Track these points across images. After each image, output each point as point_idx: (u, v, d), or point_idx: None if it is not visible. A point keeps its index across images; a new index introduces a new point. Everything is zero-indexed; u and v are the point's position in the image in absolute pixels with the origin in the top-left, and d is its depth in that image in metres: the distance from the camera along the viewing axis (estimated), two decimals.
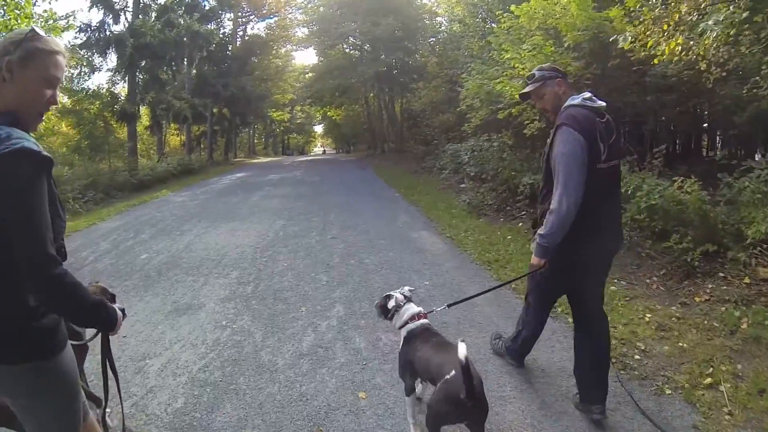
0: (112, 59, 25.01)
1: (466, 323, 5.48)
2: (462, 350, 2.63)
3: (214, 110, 39.42)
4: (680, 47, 6.53)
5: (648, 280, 6.63)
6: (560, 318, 5.46)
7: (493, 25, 13.39)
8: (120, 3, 24.89)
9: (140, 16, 25.20)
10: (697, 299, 5.83)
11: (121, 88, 25.69)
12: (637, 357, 4.61)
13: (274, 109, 58.42)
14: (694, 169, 9.24)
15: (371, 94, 40.47)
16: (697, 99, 11.05)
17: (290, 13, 46.22)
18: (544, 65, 3.88)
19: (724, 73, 7.45)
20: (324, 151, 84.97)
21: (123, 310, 2.28)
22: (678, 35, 6.46)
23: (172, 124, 35.41)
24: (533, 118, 10.70)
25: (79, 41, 24.11)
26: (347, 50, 38.00)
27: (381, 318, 3.84)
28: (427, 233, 10.14)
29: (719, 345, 4.72)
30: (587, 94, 3.54)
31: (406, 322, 3.57)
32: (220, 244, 9.47)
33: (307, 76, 45.32)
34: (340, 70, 34.96)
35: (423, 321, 3.55)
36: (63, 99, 22.56)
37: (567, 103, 3.54)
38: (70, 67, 23.27)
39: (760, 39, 6.17)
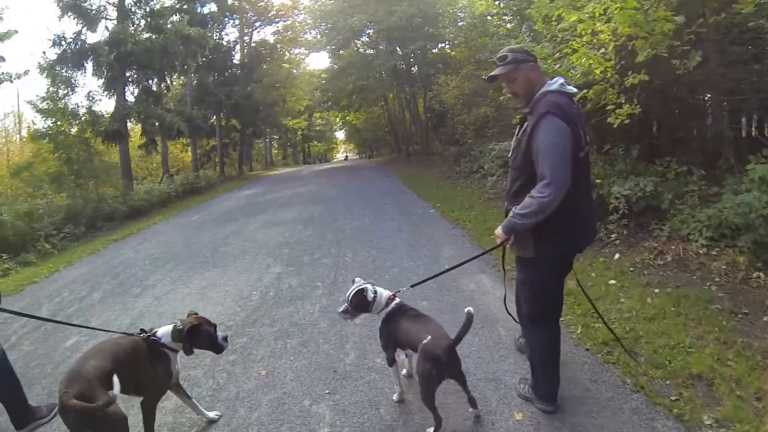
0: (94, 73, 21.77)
1: None
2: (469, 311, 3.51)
3: (223, 122, 36.85)
4: None
5: None
6: None
7: None
8: (97, 10, 21.59)
9: (124, 24, 21.93)
10: None
11: (105, 106, 22.39)
12: None
13: (289, 118, 55.71)
14: None
15: (390, 95, 37.22)
16: None
17: (299, 15, 43.38)
18: (515, 47, 3.57)
19: None
20: (346, 157, 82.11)
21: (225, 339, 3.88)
22: None
23: (182, 140, 33.23)
24: (619, 101, 7.36)
25: (54, 56, 20.83)
26: (361, 50, 34.90)
27: (354, 317, 4.07)
28: (488, 278, 6.80)
29: None
30: (561, 80, 3.36)
31: (383, 308, 3.97)
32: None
33: (321, 78, 42.59)
34: (354, 67, 31.98)
35: (397, 302, 4.00)
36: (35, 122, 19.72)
37: (544, 89, 3.35)
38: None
39: None
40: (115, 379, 3.23)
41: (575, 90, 3.45)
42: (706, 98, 8.53)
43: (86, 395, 2.96)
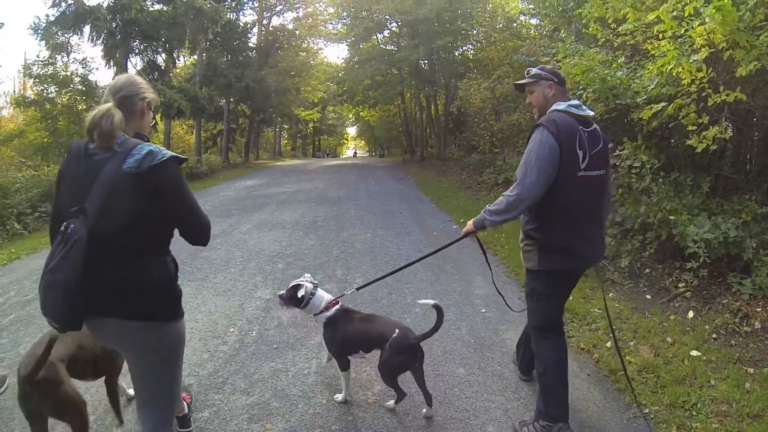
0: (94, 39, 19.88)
1: None
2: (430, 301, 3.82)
3: (231, 105, 35.35)
4: None
5: None
6: None
7: None
8: None
9: None
10: None
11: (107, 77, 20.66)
12: None
13: (302, 108, 54.07)
14: None
15: (408, 94, 35.90)
16: None
17: (321, 3, 42.20)
18: (546, 66, 3.86)
19: None
20: (355, 153, 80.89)
21: None
22: None
23: (188, 121, 32.08)
24: (701, 120, 5.94)
25: (51, 17, 18.98)
26: (383, 47, 33.52)
27: (286, 307, 4.03)
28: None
29: None
30: (575, 102, 3.53)
31: (323, 310, 3.91)
32: None
33: (338, 70, 41.25)
34: (374, 60, 30.34)
35: (339, 306, 3.99)
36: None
37: (552, 108, 3.54)
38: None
39: None
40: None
41: (589, 113, 3.53)
42: None
43: (49, 378, 2.91)
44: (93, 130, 2.45)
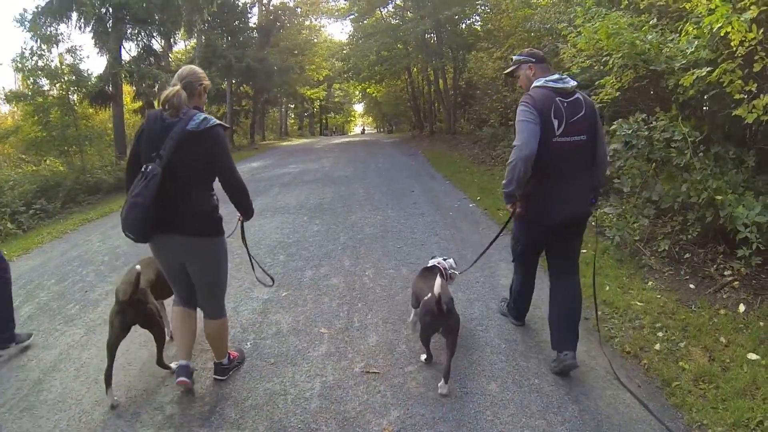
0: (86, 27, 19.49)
1: None
2: (437, 283, 3.74)
3: (234, 87, 34.82)
4: None
5: None
6: None
7: None
8: None
9: None
10: None
11: (99, 65, 20.18)
12: None
13: (307, 87, 53.82)
14: None
15: (415, 68, 35.19)
16: None
17: None
18: (524, 51, 4.35)
19: None
20: (363, 130, 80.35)
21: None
22: None
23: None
24: (748, 88, 5.19)
25: (38, 8, 18.54)
26: (387, 21, 32.94)
27: None
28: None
29: None
30: (555, 76, 3.94)
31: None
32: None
33: (342, 47, 40.53)
34: (380, 34, 29.61)
35: (430, 264, 4.80)
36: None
37: (533, 84, 4.02)
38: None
39: None
40: None
41: (568, 84, 3.88)
42: None
43: (140, 299, 3.89)
44: (166, 103, 3.43)
